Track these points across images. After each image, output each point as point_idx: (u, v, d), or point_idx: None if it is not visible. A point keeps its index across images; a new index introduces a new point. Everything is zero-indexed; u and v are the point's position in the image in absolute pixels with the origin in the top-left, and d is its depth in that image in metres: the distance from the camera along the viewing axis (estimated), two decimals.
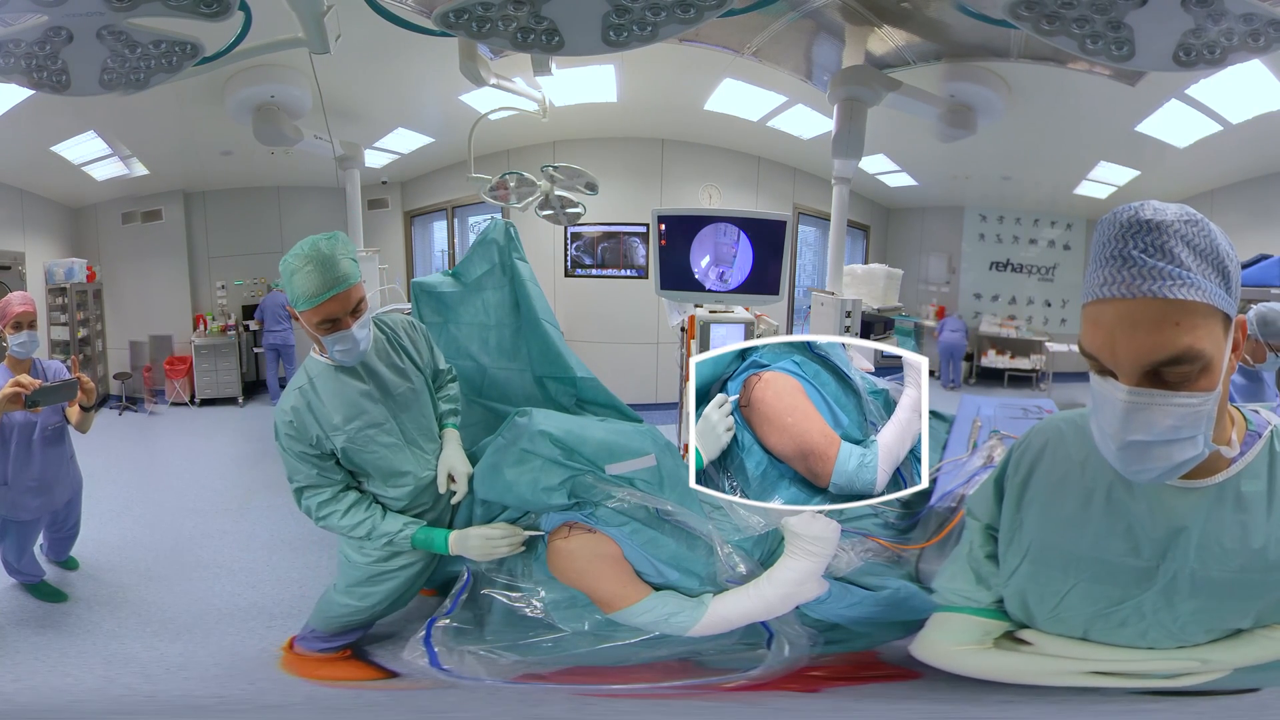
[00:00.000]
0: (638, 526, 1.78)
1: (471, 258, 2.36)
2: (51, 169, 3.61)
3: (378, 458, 1.90)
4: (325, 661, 1.99)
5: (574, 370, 2.28)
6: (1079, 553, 1.20)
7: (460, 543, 1.85)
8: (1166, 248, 0.97)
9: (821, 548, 1.70)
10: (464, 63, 3.05)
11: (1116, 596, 1.19)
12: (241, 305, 4.15)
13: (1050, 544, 1.23)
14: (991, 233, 4.13)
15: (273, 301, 4.07)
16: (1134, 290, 0.96)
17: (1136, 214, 0.99)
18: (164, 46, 2.14)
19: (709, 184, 4.11)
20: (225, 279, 4.11)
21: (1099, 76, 3.20)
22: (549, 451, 1.76)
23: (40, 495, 2.29)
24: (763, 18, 3.17)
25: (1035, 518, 1.24)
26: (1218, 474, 1.10)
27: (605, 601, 1.77)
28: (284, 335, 4.06)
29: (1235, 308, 1.01)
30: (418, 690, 1.86)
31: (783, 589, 1.71)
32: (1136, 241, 0.98)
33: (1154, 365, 0.97)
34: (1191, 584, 1.14)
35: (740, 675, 1.72)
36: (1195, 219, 0.99)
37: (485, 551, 1.84)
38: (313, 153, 3.64)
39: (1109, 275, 0.98)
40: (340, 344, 1.82)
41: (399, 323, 2.07)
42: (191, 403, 4.00)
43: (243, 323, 4.14)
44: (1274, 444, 1.11)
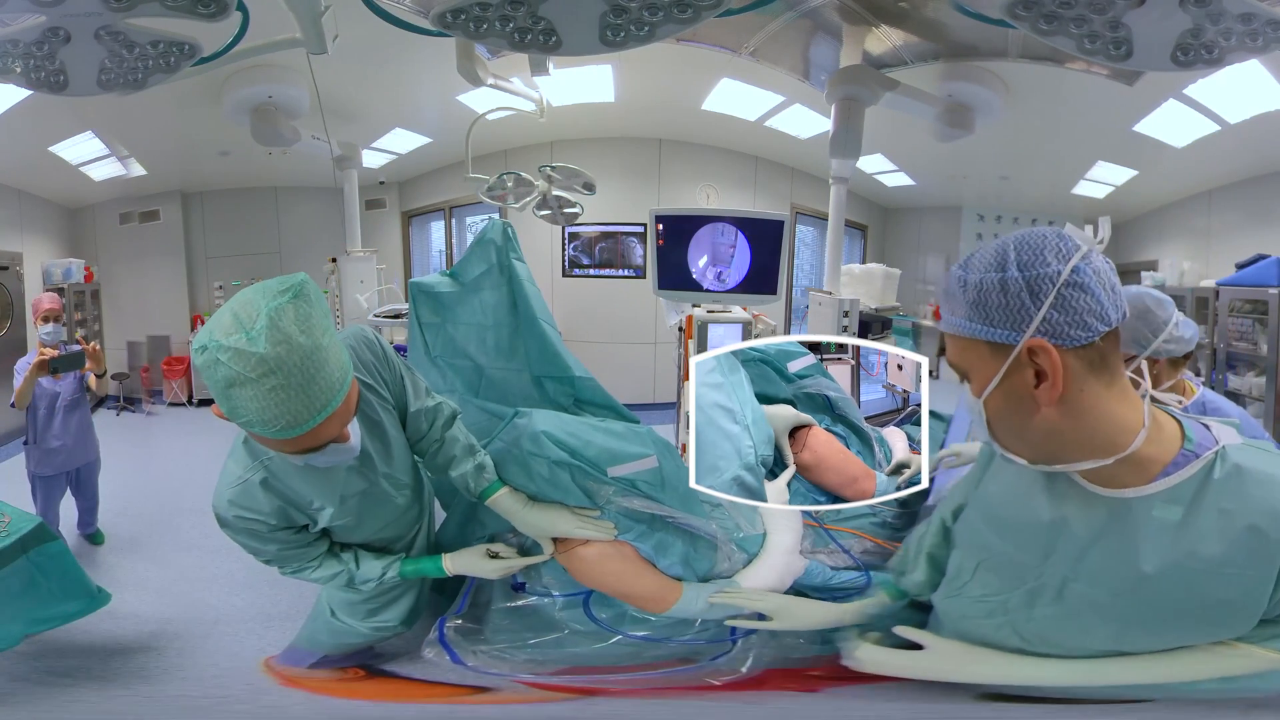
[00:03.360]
0: (645, 529, 1.78)
1: (469, 258, 2.36)
2: (49, 169, 3.61)
3: (365, 523, 1.64)
4: (340, 681, 1.88)
5: (572, 370, 2.27)
6: (992, 537, 1.24)
7: (467, 566, 1.75)
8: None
9: (790, 520, 1.94)
10: (461, 63, 3.05)
11: (994, 586, 1.24)
12: None
13: (977, 524, 1.29)
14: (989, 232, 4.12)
15: None
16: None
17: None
18: (162, 47, 2.13)
19: (707, 184, 4.11)
20: (223, 279, 4.11)
21: (1097, 76, 3.20)
22: (553, 453, 1.76)
23: (61, 454, 2.76)
24: (760, 17, 3.17)
25: (980, 500, 1.30)
26: (1136, 487, 1.05)
27: (650, 600, 1.77)
28: None
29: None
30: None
31: (782, 557, 1.87)
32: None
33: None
34: (1057, 592, 1.14)
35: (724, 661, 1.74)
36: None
37: (499, 570, 1.76)
38: (310, 153, 3.64)
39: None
40: (331, 456, 1.36)
41: (363, 355, 1.58)
42: (189, 403, 3.99)
43: None
44: (1214, 468, 1.02)
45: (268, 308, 1.20)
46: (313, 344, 1.22)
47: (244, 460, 1.49)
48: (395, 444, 1.65)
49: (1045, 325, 0.99)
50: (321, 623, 1.89)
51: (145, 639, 2.12)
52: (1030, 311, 1.00)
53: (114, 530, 2.86)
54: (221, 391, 1.21)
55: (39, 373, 2.60)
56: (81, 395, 2.82)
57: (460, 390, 2.25)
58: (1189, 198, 3.69)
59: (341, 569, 1.66)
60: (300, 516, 1.55)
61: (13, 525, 1.95)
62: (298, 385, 1.20)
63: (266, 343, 1.18)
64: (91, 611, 2.03)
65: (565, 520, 1.73)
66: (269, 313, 1.20)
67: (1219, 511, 1.01)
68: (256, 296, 1.23)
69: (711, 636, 1.80)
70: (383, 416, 1.61)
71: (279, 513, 1.51)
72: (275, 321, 1.19)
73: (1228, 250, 3.55)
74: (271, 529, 1.52)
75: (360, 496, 1.59)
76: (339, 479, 1.54)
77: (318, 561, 1.64)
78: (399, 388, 1.66)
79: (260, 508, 1.49)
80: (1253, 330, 3.41)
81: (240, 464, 1.49)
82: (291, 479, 1.50)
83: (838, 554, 2.02)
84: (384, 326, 3.32)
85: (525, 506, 1.73)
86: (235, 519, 1.49)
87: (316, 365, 1.22)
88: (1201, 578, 1.02)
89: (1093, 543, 1.09)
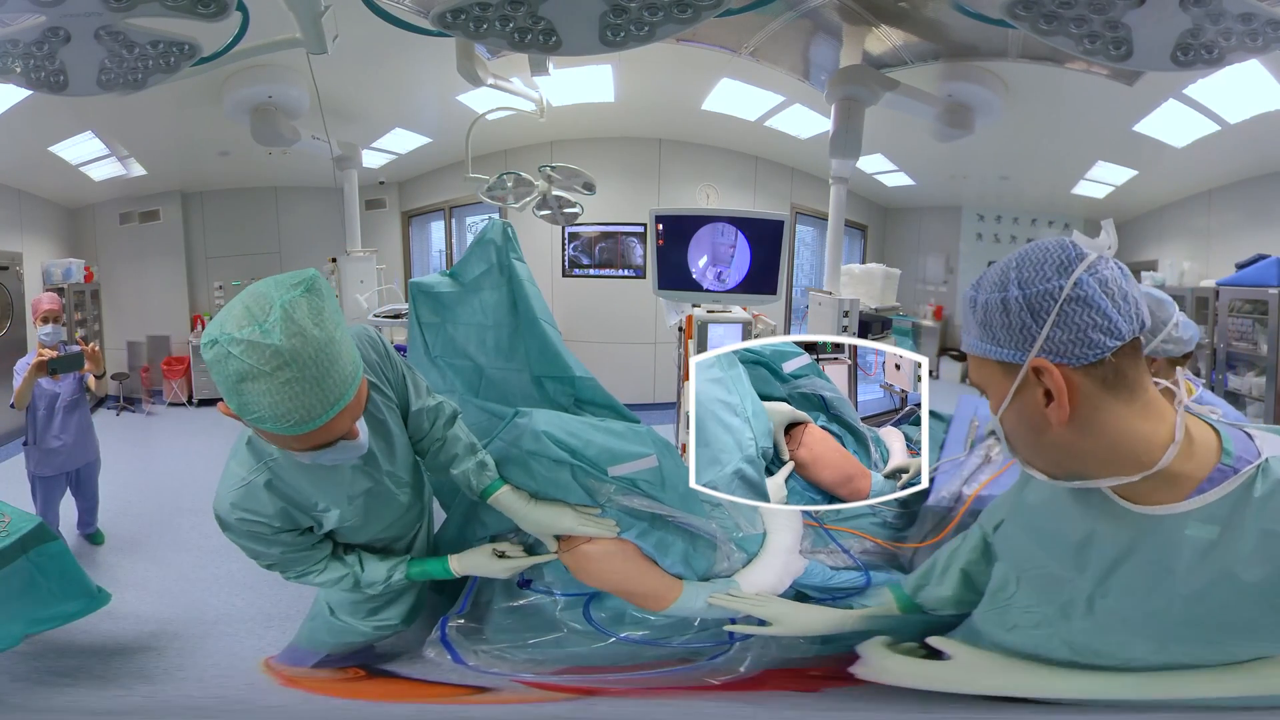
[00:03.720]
0: (646, 528, 1.78)
1: (469, 258, 2.36)
2: (49, 169, 3.60)
3: (370, 523, 1.64)
4: (340, 681, 1.89)
5: (572, 370, 2.27)
6: (1031, 548, 1.22)
7: (475, 566, 1.76)
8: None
9: (790, 520, 1.94)
10: (461, 63, 3.05)
11: (1034, 599, 1.23)
12: None
13: (1016, 536, 1.28)
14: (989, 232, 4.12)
15: None
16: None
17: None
18: (161, 47, 2.13)
19: (706, 184, 4.10)
20: (223, 279, 4.10)
21: (1097, 76, 3.20)
22: (553, 452, 1.76)
23: (61, 454, 2.76)
24: (760, 17, 3.17)
25: (1020, 511, 1.28)
26: (1168, 504, 1.00)
27: (652, 598, 1.78)
28: None
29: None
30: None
31: (781, 557, 1.88)
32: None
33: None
34: (1087, 606, 1.12)
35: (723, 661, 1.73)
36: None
37: (507, 569, 1.77)
38: (310, 153, 3.63)
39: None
40: (340, 454, 1.35)
41: (369, 355, 1.59)
42: (189, 403, 3.99)
43: None
44: (1255, 484, 0.95)
45: (281, 300, 1.19)
46: (326, 336, 1.21)
47: (248, 461, 1.47)
48: (398, 442, 1.65)
49: (1049, 344, 0.96)
50: (321, 622, 1.89)
51: (145, 639, 2.12)
52: (1033, 331, 0.97)
53: (114, 530, 2.86)
54: (232, 387, 1.18)
55: (38, 373, 2.61)
56: (81, 396, 2.84)
57: (460, 390, 2.25)
58: (1189, 198, 3.68)
59: (346, 572, 1.64)
60: (304, 519, 1.53)
61: (13, 525, 1.95)
62: (312, 378, 1.19)
63: (281, 335, 1.17)
64: (91, 611, 2.03)
65: (568, 517, 1.73)
66: (283, 305, 1.19)
67: (1261, 533, 0.94)
68: (269, 290, 1.22)
69: (711, 637, 1.80)
70: (387, 415, 1.61)
71: (283, 515, 1.50)
72: (289, 314, 1.19)
73: (1228, 250, 3.55)
74: (275, 531, 1.50)
75: (366, 496, 1.58)
76: (345, 479, 1.53)
77: (322, 565, 1.62)
78: (401, 386, 1.67)
79: (264, 510, 1.47)
80: (1253, 330, 3.41)
81: (244, 465, 1.47)
82: (296, 480, 1.48)
83: (838, 554, 2.02)
84: (384, 326, 3.32)
85: (528, 504, 1.73)
86: (238, 521, 1.47)
87: (330, 358, 1.21)
88: (1243, 599, 0.96)
89: (1122, 559, 1.06)
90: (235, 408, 1.22)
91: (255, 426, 1.25)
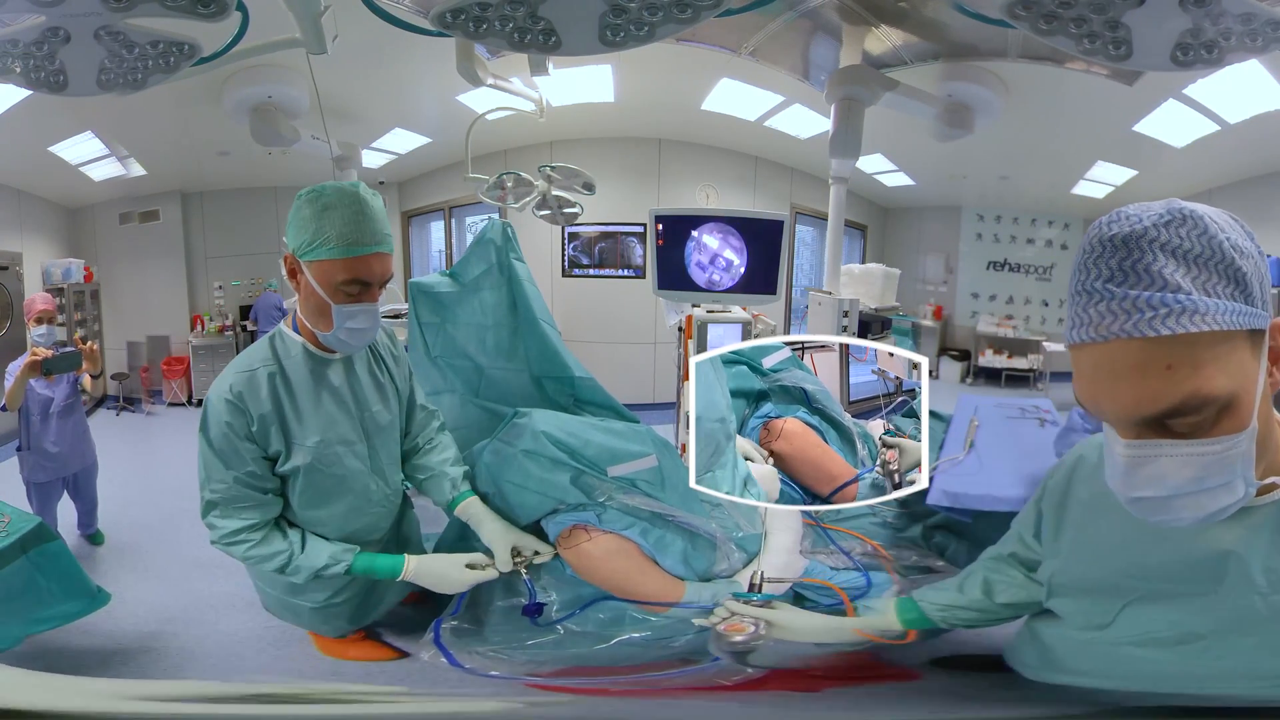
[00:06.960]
0: (646, 526, 1.78)
1: (469, 258, 2.36)
2: (49, 169, 3.60)
3: (337, 483, 1.65)
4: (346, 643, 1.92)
5: (572, 370, 2.27)
6: (1122, 574, 1.04)
7: (433, 572, 1.73)
8: (1142, 268, 0.77)
9: (790, 520, 1.98)
10: (461, 63, 3.05)
11: (1168, 620, 1.03)
12: (239, 305, 4.14)
13: (1089, 566, 1.11)
14: (989, 232, 4.12)
15: (265, 302, 4.06)
16: (1105, 332, 0.77)
17: (1101, 231, 0.81)
18: (161, 47, 2.13)
19: (706, 184, 4.10)
20: (223, 279, 4.10)
21: (1096, 76, 3.20)
22: (552, 452, 1.76)
23: (55, 459, 2.69)
24: (760, 17, 3.17)
25: (1072, 540, 1.13)
26: (1273, 493, 0.89)
27: (653, 598, 1.78)
28: None
29: (1265, 313, 0.80)
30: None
31: (781, 557, 1.91)
32: (1101, 268, 0.79)
33: (1148, 420, 0.79)
34: (1254, 614, 0.94)
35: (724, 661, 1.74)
36: (1183, 215, 0.81)
37: (466, 582, 1.75)
38: (310, 153, 3.63)
39: (1076, 314, 0.82)
40: (358, 320, 1.55)
41: (381, 339, 1.84)
42: (189, 403, 3.99)
43: (240, 323, 4.12)
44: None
45: (351, 183, 1.57)
46: (381, 207, 1.59)
47: (264, 352, 1.62)
48: (392, 426, 1.77)
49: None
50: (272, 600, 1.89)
51: (145, 639, 2.11)
52: (1251, 280, 0.79)
53: (114, 530, 2.85)
54: (316, 216, 1.50)
55: (30, 374, 2.52)
56: (76, 400, 2.77)
57: (460, 390, 2.25)
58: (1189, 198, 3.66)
59: (285, 548, 1.62)
60: (278, 440, 1.57)
61: (12, 525, 1.95)
62: (372, 216, 1.55)
63: (360, 189, 1.58)
64: (91, 611, 2.03)
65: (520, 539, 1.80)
66: (354, 183, 1.58)
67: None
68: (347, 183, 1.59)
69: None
70: (390, 393, 1.77)
71: (262, 422, 1.55)
72: (358, 187, 1.58)
73: None
74: (248, 435, 1.55)
75: (341, 448, 1.64)
76: (334, 416, 1.63)
77: (261, 534, 1.60)
78: (405, 379, 1.85)
79: (253, 403, 1.54)
80: None
81: (258, 354, 1.61)
82: (298, 387, 1.59)
83: (838, 554, 2.02)
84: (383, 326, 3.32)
85: (492, 516, 1.80)
86: (225, 405, 1.54)
87: (381, 217, 1.59)
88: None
89: (1262, 555, 0.94)
90: (310, 236, 1.51)
91: (320, 248, 1.50)
